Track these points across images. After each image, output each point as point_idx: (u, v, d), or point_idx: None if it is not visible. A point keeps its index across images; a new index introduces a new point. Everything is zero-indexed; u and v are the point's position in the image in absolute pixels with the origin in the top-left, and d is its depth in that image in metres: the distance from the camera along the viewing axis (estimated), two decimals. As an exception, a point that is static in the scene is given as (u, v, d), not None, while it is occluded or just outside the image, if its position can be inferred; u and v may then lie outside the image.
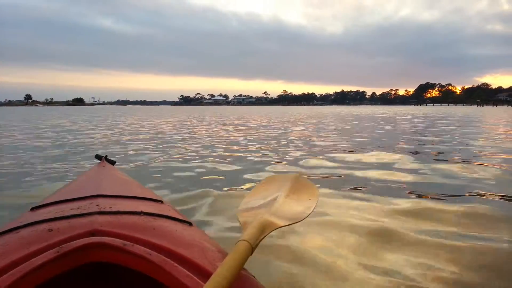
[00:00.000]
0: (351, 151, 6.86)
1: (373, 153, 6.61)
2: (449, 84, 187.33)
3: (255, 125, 15.86)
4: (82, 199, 1.16)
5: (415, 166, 5.20)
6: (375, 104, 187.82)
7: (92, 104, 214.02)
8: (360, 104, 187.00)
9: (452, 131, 12.36)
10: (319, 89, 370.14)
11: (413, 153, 6.67)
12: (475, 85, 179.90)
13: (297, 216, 1.09)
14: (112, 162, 2.15)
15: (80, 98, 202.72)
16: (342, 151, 6.97)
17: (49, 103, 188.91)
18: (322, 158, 5.97)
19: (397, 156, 6.15)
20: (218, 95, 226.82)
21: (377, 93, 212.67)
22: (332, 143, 8.42)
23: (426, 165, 5.24)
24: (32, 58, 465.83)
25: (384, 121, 19.32)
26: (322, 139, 9.46)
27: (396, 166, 5.19)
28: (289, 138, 9.60)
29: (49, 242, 0.85)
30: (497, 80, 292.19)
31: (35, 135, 11.23)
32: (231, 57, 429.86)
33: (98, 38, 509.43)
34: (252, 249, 0.86)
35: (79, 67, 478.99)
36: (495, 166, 5.16)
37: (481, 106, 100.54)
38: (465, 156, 6.25)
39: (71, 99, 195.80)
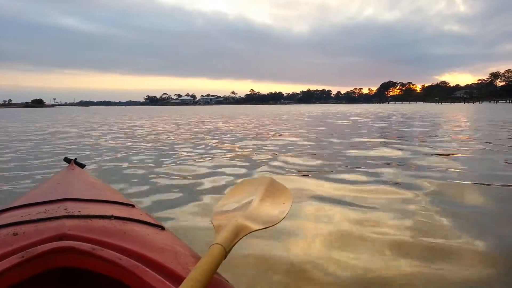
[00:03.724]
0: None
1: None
2: (410, 83, 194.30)
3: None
4: (49, 203, 1.11)
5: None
6: (340, 102, 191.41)
7: (53, 105, 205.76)
8: (326, 102, 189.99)
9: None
10: (286, 88, 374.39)
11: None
12: (434, 83, 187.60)
13: (272, 219, 1.09)
14: (82, 165, 2.08)
15: (39, 99, 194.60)
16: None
17: (7, 104, 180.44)
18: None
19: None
20: (185, 95, 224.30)
21: (342, 92, 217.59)
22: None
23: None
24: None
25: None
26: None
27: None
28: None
29: (14, 246, 0.81)
30: (455, 78, 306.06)
31: None
32: (198, 56, 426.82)
33: (61, 38, 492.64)
34: (225, 252, 0.85)
35: (41, 68, 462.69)
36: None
37: (440, 103, 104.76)
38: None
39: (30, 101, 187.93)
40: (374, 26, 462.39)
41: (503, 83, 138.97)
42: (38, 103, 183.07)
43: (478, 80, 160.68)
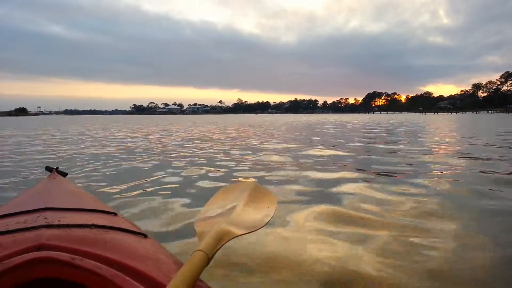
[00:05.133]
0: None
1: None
2: (395, 93, 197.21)
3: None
4: (28, 213, 1.09)
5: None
6: (326, 112, 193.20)
7: (37, 114, 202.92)
8: (313, 112, 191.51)
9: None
10: (274, 98, 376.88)
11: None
12: (419, 93, 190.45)
13: (255, 224, 1.09)
14: (64, 174, 2.04)
15: (23, 108, 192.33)
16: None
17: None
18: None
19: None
20: (173, 104, 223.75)
21: (329, 102, 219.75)
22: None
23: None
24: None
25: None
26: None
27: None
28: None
29: None
30: (439, 89, 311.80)
31: None
32: (186, 65, 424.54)
33: (46, 45, 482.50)
34: (208, 259, 0.85)
35: (25, 75, 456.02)
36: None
37: (424, 113, 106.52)
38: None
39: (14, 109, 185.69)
40: (360, 37, 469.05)
41: (485, 94, 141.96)
42: (21, 111, 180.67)
43: (461, 91, 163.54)
